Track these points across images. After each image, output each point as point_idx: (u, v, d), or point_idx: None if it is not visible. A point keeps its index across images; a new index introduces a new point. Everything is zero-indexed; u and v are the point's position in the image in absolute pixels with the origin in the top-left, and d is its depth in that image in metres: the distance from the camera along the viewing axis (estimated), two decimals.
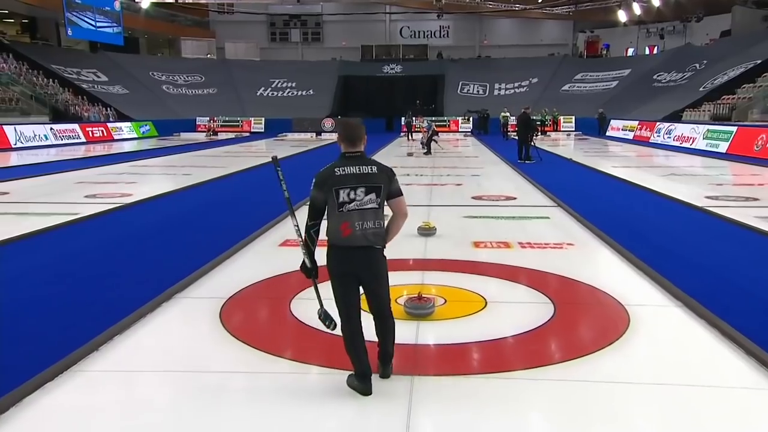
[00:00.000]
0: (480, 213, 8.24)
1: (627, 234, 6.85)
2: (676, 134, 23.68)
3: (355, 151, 3.12)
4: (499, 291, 4.89)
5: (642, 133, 27.10)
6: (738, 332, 3.88)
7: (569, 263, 5.68)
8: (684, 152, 19.88)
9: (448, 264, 5.66)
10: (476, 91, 40.03)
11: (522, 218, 7.88)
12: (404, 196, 3.23)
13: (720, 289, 4.95)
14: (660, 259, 5.74)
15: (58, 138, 24.85)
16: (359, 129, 3.15)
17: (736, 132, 19.33)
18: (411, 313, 4.29)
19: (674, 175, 13.21)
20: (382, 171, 3.11)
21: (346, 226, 3.03)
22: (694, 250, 6.30)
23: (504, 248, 6.26)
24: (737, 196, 9.80)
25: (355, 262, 3.04)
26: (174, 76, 40.58)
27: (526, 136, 16.09)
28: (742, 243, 6.58)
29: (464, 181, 11.88)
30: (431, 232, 6.79)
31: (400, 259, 5.74)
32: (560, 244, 6.40)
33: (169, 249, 6.44)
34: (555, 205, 8.93)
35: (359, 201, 3.03)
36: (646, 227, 7.46)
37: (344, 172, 3.06)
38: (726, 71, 29.29)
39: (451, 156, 18.93)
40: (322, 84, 40.05)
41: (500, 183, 11.66)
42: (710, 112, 25.86)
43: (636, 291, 4.90)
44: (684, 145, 22.14)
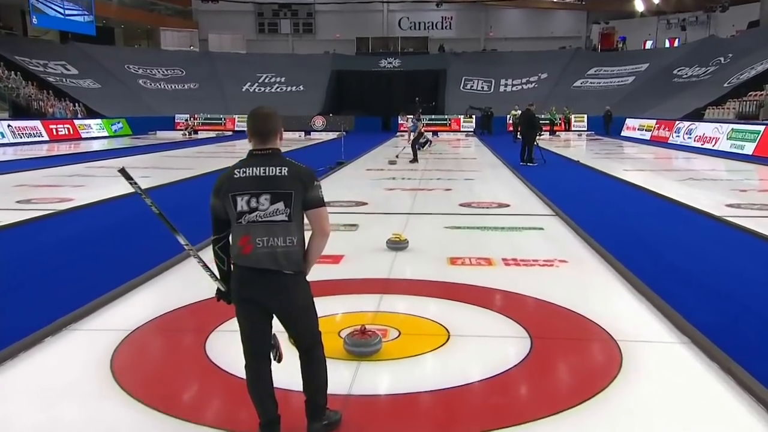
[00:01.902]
0: (465, 223, 7.86)
1: (631, 249, 6.41)
2: (697, 134, 23.23)
3: (265, 148, 2.67)
4: (468, 321, 4.39)
5: (660, 133, 26.67)
6: (760, 384, 3.29)
7: (558, 285, 5.21)
8: (705, 154, 19.52)
9: (413, 285, 5.21)
10: (480, 88, 39.69)
11: (512, 229, 7.47)
12: (326, 207, 2.68)
13: (739, 323, 4.38)
14: (667, 282, 5.23)
15: (17, 136, 24.40)
16: (271, 120, 2.70)
17: (763, 132, 18.84)
18: (351, 351, 3.75)
19: (693, 180, 12.74)
20: (295, 174, 2.61)
21: (246, 242, 2.61)
22: (708, 270, 5.75)
23: (484, 266, 5.81)
24: (763, 204, 9.31)
25: (259, 289, 2.63)
26: (152, 69, 40.24)
27: (530, 136, 15.64)
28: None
29: (455, 186, 11.54)
30: (402, 246, 6.39)
31: (357, 278, 5.31)
32: (551, 261, 5.92)
33: (85, 267, 5.92)
34: (552, 214, 8.52)
35: (263, 211, 2.59)
36: (654, 241, 6.99)
37: (244, 174, 2.63)
38: (753, 65, 28.82)
39: (447, 158, 18.61)
40: (314, 79, 39.71)
41: (495, 188, 11.36)
42: (735, 110, 25.40)
43: (634, 322, 4.36)
44: (706, 147, 21.71)
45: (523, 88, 38.72)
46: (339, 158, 15.74)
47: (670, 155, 19.79)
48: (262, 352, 2.73)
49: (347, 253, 6.22)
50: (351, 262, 5.94)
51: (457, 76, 40.22)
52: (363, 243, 6.70)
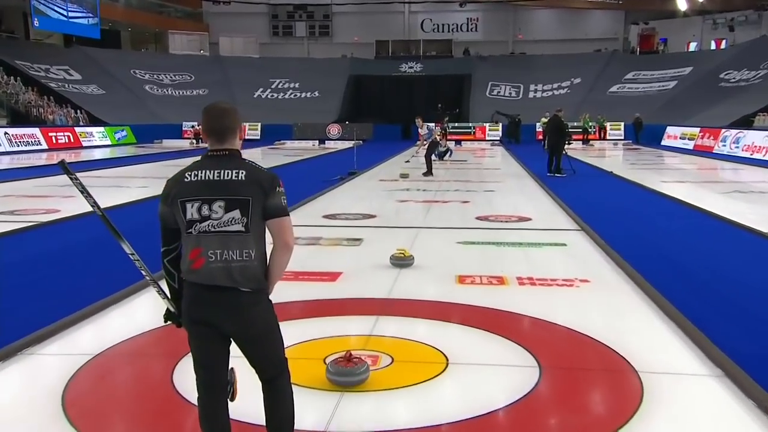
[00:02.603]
0: (479, 238, 7.73)
1: (663, 269, 6.18)
2: (745, 143, 22.76)
3: (221, 149, 2.54)
4: (470, 347, 4.20)
5: (704, 142, 26.21)
6: None
7: (576, 308, 5.00)
8: (755, 165, 19.10)
9: (413, 306, 5.04)
10: (508, 93, 39.51)
11: (531, 245, 7.32)
12: (289, 217, 2.52)
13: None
14: (702, 307, 4.99)
15: (14, 144, 24.79)
16: (228, 116, 2.56)
17: None
18: (333, 381, 3.57)
19: (738, 193, 12.43)
20: (254, 178, 2.47)
21: (197, 255, 2.47)
22: (751, 295, 5.49)
23: (496, 285, 5.65)
24: None
25: (212, 309, 2.47)
26: (159, 74, 40.80)
27: (558, 145, 15.44)
28: None
29: (473, 198, 11.45)
30: (406, 262, 6.27)
31: (353, 298, 5.20)
32: (571, 281, 5.73)
33: (53, 285, 5.84)
34: (578, 228, 8.35)
35: (216, 220, 2.44)
36: (689, 260, 6.76)
37: (196, 178, 2.49)
38: None
39: (468, 168, 18.49)
40: (330, 85, 39.91)
41: (516, 201, 11.27)
42: None
43: (661, 351, 4.13)
44: (755, 156, 21.27)
45: (554, 93, 38.44)
46: (351, 168, 15.66)
47: (715, 166, 19.43)
48: (217, 383, 2.57)
49: (346, 269, 6.16)
50: (349, 279, 5.85)
51: (482, 81, 40.12)
52: (365, 259, 6.63)
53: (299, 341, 4.21)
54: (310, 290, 5.49)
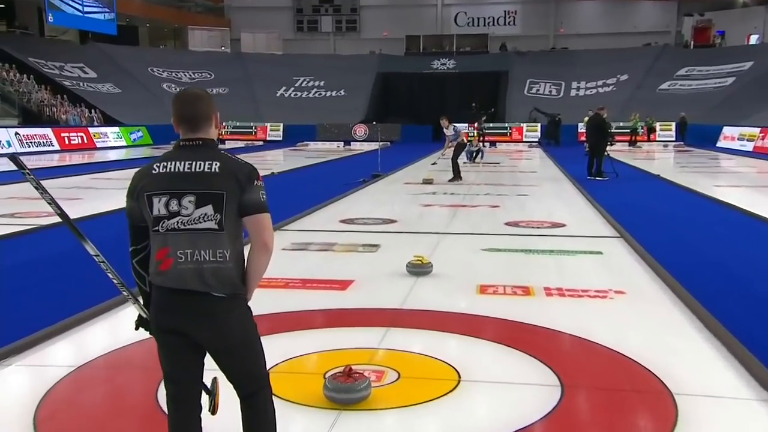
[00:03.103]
0: (507, 244, 7.66)
1: (709, 280, 5.99)
2: None
3: (194, 138, 2.46)
4: (485, 362, 4.10)
5: (765, 143, 25.59)
6: None
7: (607, 321, 4.87)
8: None
9: (427, 318, 4.95)
10: (548, 92, 39.21)
11: (563, 253, 7.23)
12: (268, 214, 2.43)
13: None
14: (751, 322, 4.77)
15: (24, 145, 25.33)
16: (202, 103, 2.49)
17: None
18: (331, 398, 3.48)
19: None
20: (229, 171, 2.38)
21: (165, 255, 2.39)
22: None
23: (521, 296, 5.56)
24: None
25: (181, 315, 2.39)
26: (177, 72, 41.45)
27: (599, 146, 15.20)
28: None
29: (504, 202, 11.40)
30: (424, 270, 6.20)
31: (363, 308, 5.17)
32: (604, 292, 5.60)
33: (49, 290, 5.86)
34: (616, 235, 8.22)
35: (186, 216, 2.36)
36: (740, 270, 6.55)
37: (165, 169, 2.41)
38: None
39: (501, 171, 18.38)
40: (357, 83, 40.09)
41: (551, 205, 11.15)
42: None
43: (701, 371, 3.97)
44: None
45: (599, 92, 38.00)
46: (375, 170, 15.63)
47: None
48: (188, 399, 2.49)
49: (359, 277, 6.12)
50: (361, 288, 5.81)
51: (520, 78, 39.87)
52: (380, 266, 6.60)
53: (299, 354, 4.16)
54: (317, 299, 5.45)
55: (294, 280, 6.00)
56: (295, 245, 7.59)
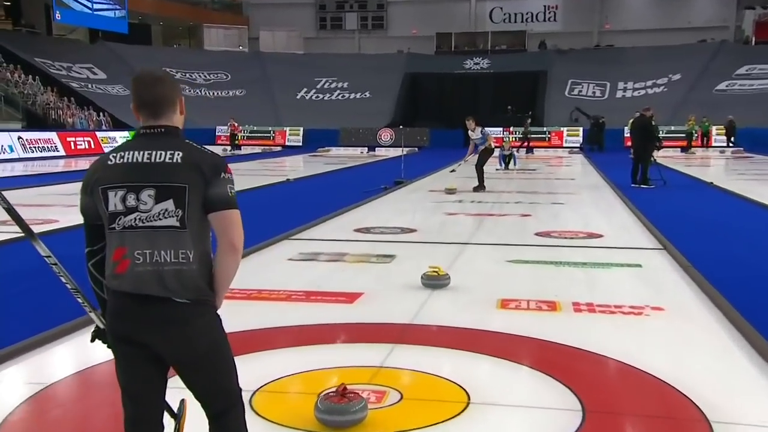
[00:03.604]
0: (535, 256, 7.59)
1: (761, 298, 5.80)
2: None
3: (155, 126, 2.39)
4: (499, 383, 4.01)
5: None
6: None
7: (641, 339, 4.74)
8: None
9: (439, 334, 4.90)
10: (591, 93, 38.97)
11: (597, 265, 7.14)
12: (237, 211, 2.35)
13: None
14: None
15: (28, 150, 25.77)
16: (163, 85, 2.42)
17: None
18: (322, 421, 3.40)
19: None
20: (193, 161, 2.31)
21: (121, 255, 2.31)
22: None
23: (546, 311, 5.49)
24: None
25: (139, 324, 2.31)
26: (192, 73, 42.01)
27: (644, 151, 15.01)
28: None
29: (536, 212, 11.35)
30: (441, 282, 6.13)
31: (369, 323, 5.11)
32: (640, 308, 5.49)
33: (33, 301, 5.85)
34: (659, 247, 8.14)
35: (145, 212, 2.29)
36: None
37: (122, 160, 2.35)
38: None
39: (536, 178, 18.30)
40: (383, 84, 40.26)
41: (588, 214, 11.11)
42: None
43: (744, 397, 3.81)
44: None
45: (648, 93, 37.62)
46: (398, 177, 15.59)
47: None
48: (148, 420, 2.42)
49: (368, 290, 6.10)
50: (370, 301, 5.79)
51: (561, 78, 39.70)
52: (393, 278, 6.59)
53: (294, 372, 4.10)
54: (320, 313, 5.40)
55: (297, 293, 5.96)
56: (302, 255, 7.57)
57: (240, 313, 5.40)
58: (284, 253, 7.73)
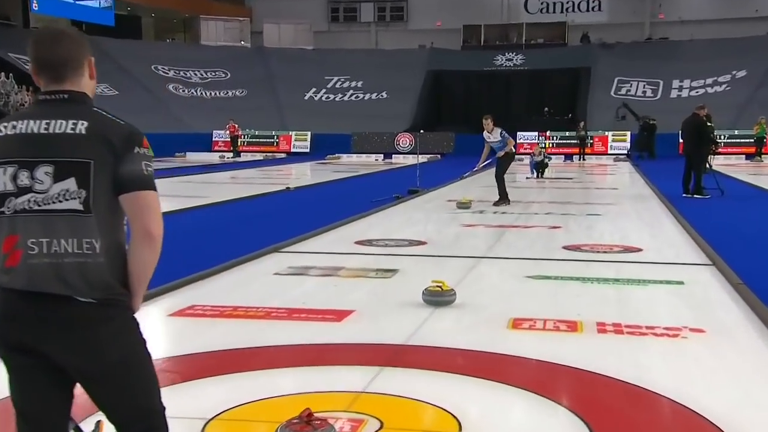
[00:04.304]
0: (560, 271, 7.58)
1: None
2: None
3: (58, 91, 2.31)
4: (497, 411, 3.97)
5: None
6: None
7: (674, 364, 4.70)
8: None
9: (434, 356, 4.84)
10: (641, 92, 38.78)
11: (630, 282, 7.13)
12: (155, 192, 2.27)
13: None
14: None
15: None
16: (66, 42, 2.34)
17: None
18: None
19: None
20: (99, 132, 2.23)
21: (12, 245, 2.22)
22: None
23: (564, 331, 5.47)
24: None
25: (34, 328, 2.21)
26: (187, 71, 42.42)
27: (698, 155, 14.93)
28: None
29: (568, 223, 11.36)
30: (444, 299, 6.07)
31: (358, 343, 5.12)
32: (676, 330, 5.45)
33: None
34: (707, 263, 8.10)
35: (41, 194, 2.21)
36: None
37: (14, 131, 2.27)
38: None
39: (572, 186, 18.47)
40: (403, 83, 40.36)
41: (628, 226, 11.15)
42: None
43: None
44: None
45: (708, 92, 37.31)
46: (413, 186, 15.62)
47: None
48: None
49: (361, 307, 6.11)
50: (361, 319, 5.83)
51: (606, 76, 39.59)
52: (391, 294, 6.60)
53: (261, 398, 4.05)
54: (301, 332, 5.40)
55: (278, 310, 5.94)
56: (291, 269, 7.59)
57: (206, 331, 5.44)
58: (270, 266, 7.75)
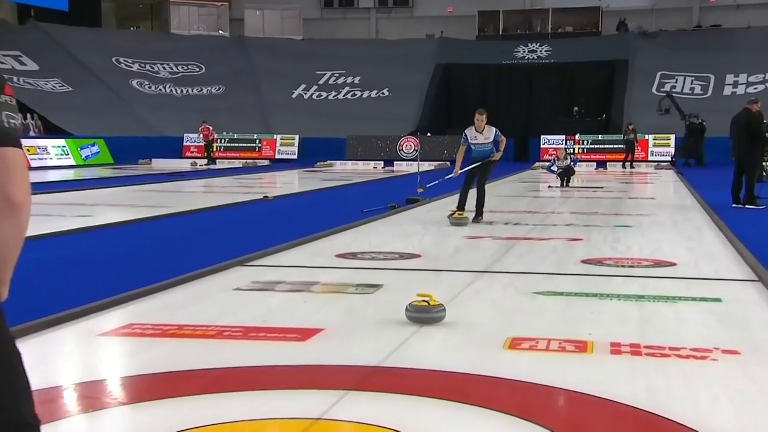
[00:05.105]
0: (573, 287, 7.69)
1: None
2: None
3: None
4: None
5: None
6: None
7: (699, 390, 4.71)
8: None
9: (411, 379, 4.87)
10: (689, 89, 38.95)
11: (659, 299, 7.17)
12: (18, 149, 2.19)
13: None
14: None
15: None
16: None
17: None
18: None
19: None
20: None
21: None
22: None
23: (571, 352, 5.45)
24: None
25: None
26: (154, 64, 42.71)
27: (750, 157, 14.90)
28: None
29: (591, 235, 11.48)
30: (432, 315, 6.08)
31: (321, 365, 5.13)
32: (706, 351, 5.41)
33: None
34: (752, 278, 8.11)
35: None
36: None
37: None
38: None
39: (603, 196, 18.69)
40: (407, 79, 40.66)
41: (661, 239, 11.34)
42: None
43: None
44: None
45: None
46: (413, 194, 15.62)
47: None
48: None
49: (332, 325, 6.10)
50: (330, 339, 5.83)
51: (647, 70, 39.86)
52: (370, 311, 6.65)
53: (202, 425, 4.05)
54: (257, 352, 5.41)
55: (232, 328, 5.91)
56: (256, 284, 7.65)
57: (142, 352, 5.43)
58: (231, 281, 7.78)
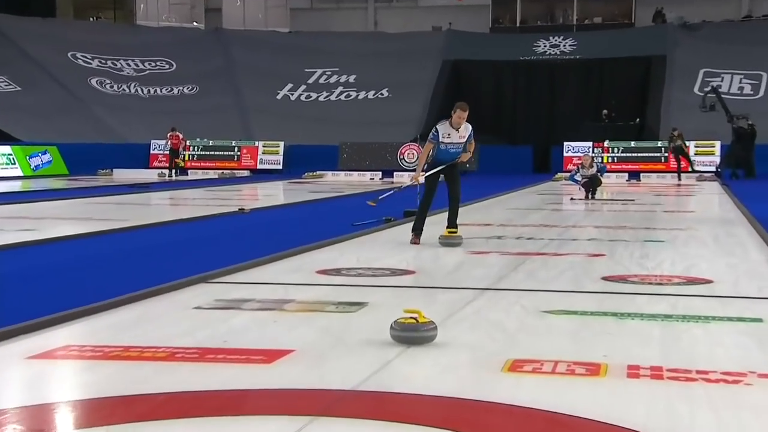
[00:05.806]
0: (591, 306, 7.81)
1: None
2: None
3: None
4: None
5: None
6: None
7: (727, 418, 4.70)
8: None
9: (388, 404, 4.92)
10: (736, 89, 39.22)
11: (690, 318, 7.27)
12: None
13: None
14: None
15: None
16: None
17: None
18: None
19: None
20: None
21: None
22: None
23: (581, 375, 5.47)
24: None
25: None
26: (117, 60, 42.95)
27: None
28: None
29: (615, 250, 11.71)
30: (420, 334, 6.16)
31: (284, 389, 5.17)
32: (740, 375, 5.44)
33: None
34: None
35: None
36: None
37: None
38: None
39: (632, 209, 19.03)
40: (410, 77, 40.90)
41: (698, 254, 11.55)
42: None
43: None
44: None
45: None
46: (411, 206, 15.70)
47: None
48: None
49: (304, 346, 6.15)
50: (300, 361, 5.83)
51: (688, 67, 40.13)
52: (350, 332, 6.73)
53: None
54: (214, 375, 5.41)
55: (187, 350, 5.92)
56: (219, 302, 7.70)
57: (78, 376, 5.49)
58: (190, 299, 7.86)
